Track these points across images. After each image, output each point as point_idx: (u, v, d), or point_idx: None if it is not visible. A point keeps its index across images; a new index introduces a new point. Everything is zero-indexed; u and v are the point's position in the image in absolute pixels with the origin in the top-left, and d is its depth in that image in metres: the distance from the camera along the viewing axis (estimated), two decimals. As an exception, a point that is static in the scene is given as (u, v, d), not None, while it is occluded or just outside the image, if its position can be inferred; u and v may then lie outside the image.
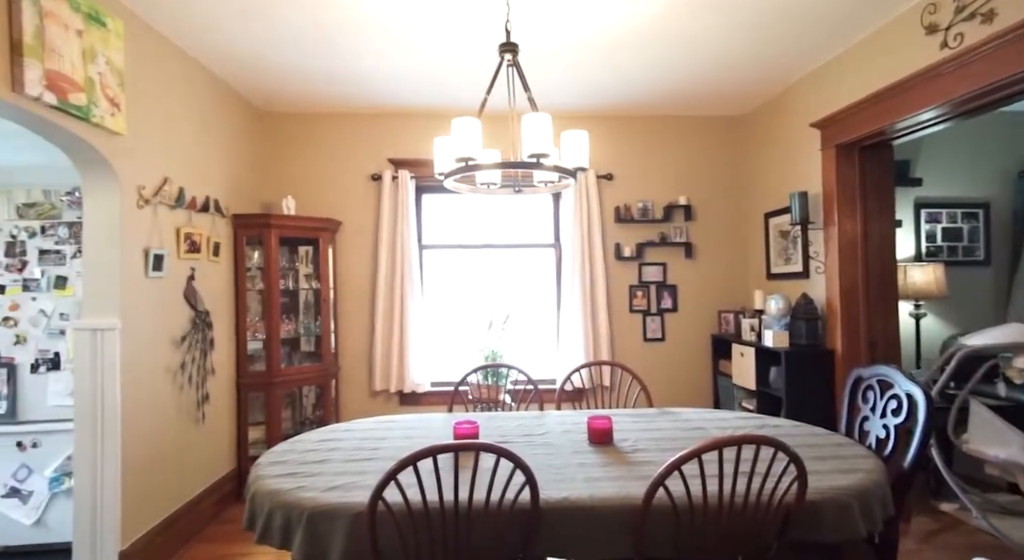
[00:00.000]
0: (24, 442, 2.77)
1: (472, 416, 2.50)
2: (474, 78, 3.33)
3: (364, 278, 3.99)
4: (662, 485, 1.39)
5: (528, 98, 2.10)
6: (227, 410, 3.34)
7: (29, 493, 2.75)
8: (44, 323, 2.82)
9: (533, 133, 1.89)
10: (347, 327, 3.98)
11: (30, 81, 1.92)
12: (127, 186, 2.48)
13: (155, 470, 2.63)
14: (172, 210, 2.83)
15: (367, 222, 4.00)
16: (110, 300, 2.40)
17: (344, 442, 2.12)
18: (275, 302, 3.47)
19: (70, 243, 2.86)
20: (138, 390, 2.52)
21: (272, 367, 3.42)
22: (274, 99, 3.73)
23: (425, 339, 3.90)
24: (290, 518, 1.57)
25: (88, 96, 2.19)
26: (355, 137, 4.01)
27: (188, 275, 2.96)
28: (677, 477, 1.48)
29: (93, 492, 2.34)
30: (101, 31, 2.28)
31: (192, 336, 2.96)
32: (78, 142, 2.22)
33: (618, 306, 4.06)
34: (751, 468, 1.41)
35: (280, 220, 3.49)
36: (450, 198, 4.14)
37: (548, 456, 1.89)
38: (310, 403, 3.89)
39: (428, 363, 3.92)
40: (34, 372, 2.80)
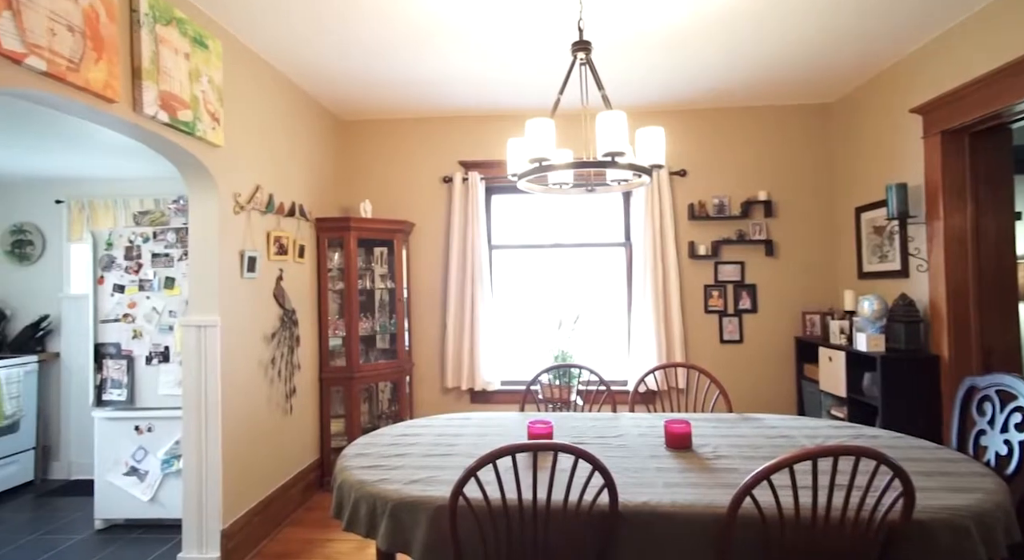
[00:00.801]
0: (141, 426, 3.07)
1: (545, 416, 2.51)
2: (545, 78, 3.33)
3: (436, 278, 4.10)
4: (750, 494, 1.33)
5: (602, 96, 2.07)
6: (311, 403, 3.55)
7: (145, 472, 3.05)
8: (156, 320, 3.11)
9: (608, 131, 1.86)
10: (420, 325, 4.10)
11: (147, 102, 2.12)
12: (225, 194, 2.68)
13: (250, 457, 2.83)
14: (263, 215, 3.04)
15: (438, 223, 4.10)
16: (211, 299, 2.61)
17: (422, 437, 2.19)
18: (354, 301, 3.64)
19: (177, 247, 3.13)
20: (235, 382, 2.72)
21: (351, 363, 3.59)
22: (352, 108, 3.91)
23: (495, 338, 3.95)
24: (375, 508, 1.65)
25: (193, 112, 2.40)
26: (427, 141, 4.13)
27: (277, 276, 3.17)
28: (766, 487, 1.41)
29: (199, 474, 2.56)
30: (204, 52, 2.48)
31: (281, 333, 3.17)
32: (185, 155, 2.43)
33: (692, 306, 3.92)
34: (849, 481, 1.32)
35: (358, 223, 3.66)
36: (519, 198, 4.16)
37: (624, 459, 1.86)
38: (385, 398, 4.05)
39: (498, 362, 3.97)
40: (148, 364, 3.10)
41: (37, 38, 1.66)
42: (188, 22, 2.37)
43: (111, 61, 1.94)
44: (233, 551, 2.60)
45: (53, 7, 1.72)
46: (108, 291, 3.15)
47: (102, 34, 1.90)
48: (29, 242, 4.02)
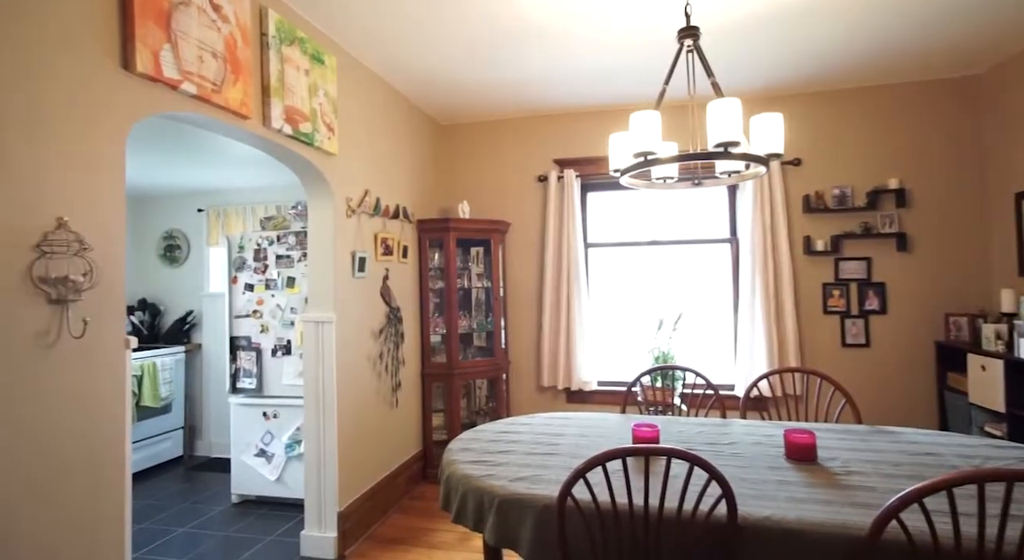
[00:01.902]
0: (268, 413, 3.38)
1: (649, 419, 2.42)
2: (644, 70, 3.22)
3: (531, 277, 4.12)
4: (896, 518, 1.18)
5: (712, 84, 1.96)
6: (414, 397, 3.71)
7: (272, 455, 3.35)
8: (280, 316, 3.42)
9: (720, 120, 1.75)
10: (516, 324, 4.14)
11: (275, 116, 2.32)
12: (339, 198, 2.87)
13: (361, 445, 3.01)
14: (371, 218, 3.22)
15: (534, 222, 4.12)
16: (327, 297, 2.81)
17: (524, 435, 2.20)
18: (453, 300, 3.75)
19: (296, 249, 3.41)
20: (348, 375, 2.91)
21: (451, 360, 3.71)
22: (450, 112, 4.03)
23: (592, 338, 3.90)
24: (482, 503, 1.68)
25: (312, 124, 2.59)
26: (522, 141, 4.16)
27: (383, 275, 3.35)
28: (916, 510, 1.26)
29: (318, 459, 2.76)
30: (320, 68, 2.67)
31: (387, 329, 3.34)
32: (305, 163, 2.63)
33: (808, 306, 3.60)
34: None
35: (457, 223, 3.77)
36: (616, 195, 4.07)
37: (740, 469, 1.74)
38: (483, 395, 4.14)
39: (595, 362, 3.90)
40: (273, 356, 3.41)
41: (189, 65, 1.88)
42: (308, 40, 2.56)
43: (246, 81, 2.15)
44: (348, 532, 2.78)
45: (201, 37, 1.93)
46: (240, 290, 3.51)
47: (239, 58, 2.11)
48: (177, 246, 4.58)
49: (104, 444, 1.60)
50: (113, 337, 1.63)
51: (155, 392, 3.99)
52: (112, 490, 1.62)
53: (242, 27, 2.14)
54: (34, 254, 1.42)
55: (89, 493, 1.55)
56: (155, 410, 4.05)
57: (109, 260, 1.62)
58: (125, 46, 1.67)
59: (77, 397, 1.52)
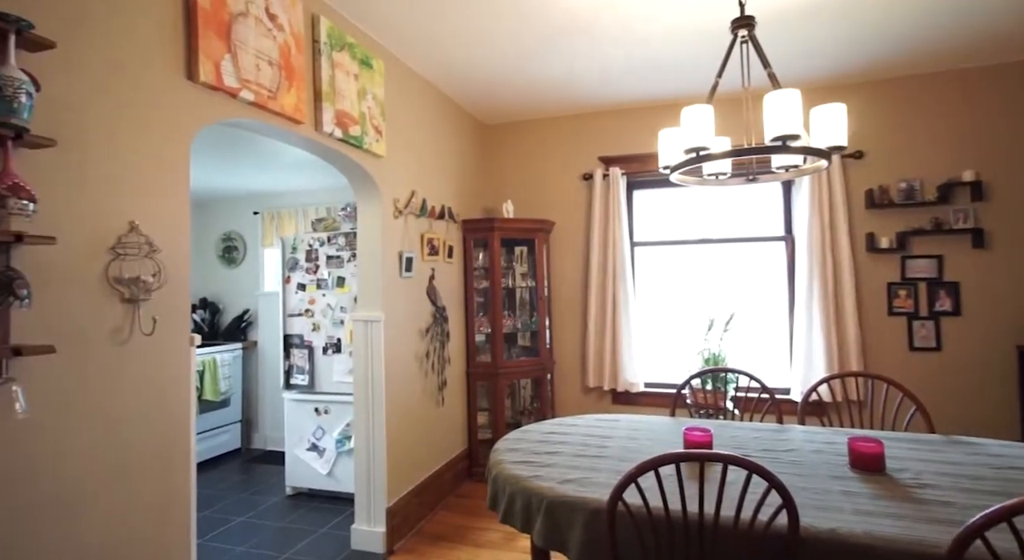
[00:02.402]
0: (319, 408, 3.49)
1: (701, 423, 2.35)
2: (694, 63, 3.13)
3: (576, 276, 4.08)
4: (981, 537, 1.09)
5: (768, 74, 1.88)
6: (459, 396, 3.74)
7: (323, 449, 3.46)
8: (330, 315, 3.52)
9: (779, 113, 1.68)
10: (561, 324, 4.11)
11: (326, 121, 2.39)
12: (386, 200, 2.93)
13: (409, 443, 3.06)
14: (417, 218, 3.26)
15: (579, 221, 4.08)
16: (376, 296, 2.87)
17: (571, 436, 2.17)
18: (497, 299, 3.76)
19: (346, 249, 3.50)
20: (396, 373, 2.96)
21: (496, 359, 3.72)
22: (494, 112, 4.04)
23: (639, 338, 3.82)
24: (530, 504, 1.66)
25: (361, 127, 2.65)
26: (566, 139, 4.12)
27: (429, 275, 3.39)
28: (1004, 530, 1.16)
29: (368, 455, 2.82)
30: (369, 72, 2.73)
31: (433, 328, 3.38)
32: (354, 166, 2.69)
33: (872, 307, 3.41)
34: None
35: (501, 223, 3.77)
36: (663, 193, 3.98)
37: (801, 477, 1.66)
38: (528, 395, 4.13)
39: (642, 363, 3.83)
40: (324, 353, 3.51)
41: (247, 74, 1.95)
42: (357, 46, 2.62)
43: (299, 87, 2.21)
44: (396, 528, 2.83)
45: (258, 46, 2.00)
46: (293, 289, 3.63)
47: (292, 65, 2.18)
48: (235, 248, 4.79)
49: (171, 434, 1.68)
50: (179, 334, 1.71)
51: (215, 387, 4.19)
52: (179, 478, 1.70)
53: (296, 35, 2.21)
54: (109, 256, 1.51)
55: (158, 480, 1.63)
56: (215, 404, 4.25)
57: (175, 261, 1.70)
58: (189, 58, 1.75)
59: (147, 390, 1.61)
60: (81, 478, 1.42)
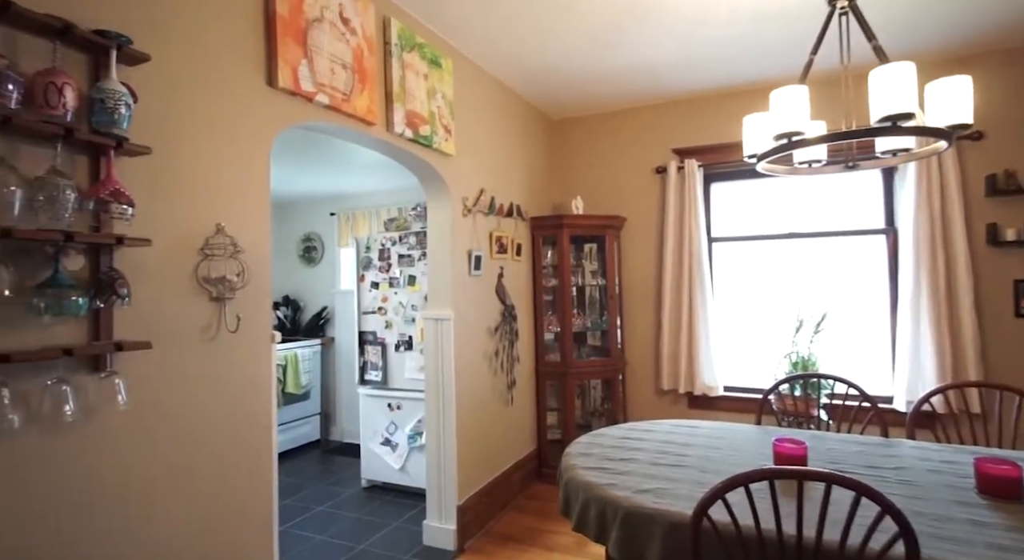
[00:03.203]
0: (392, 404, 3.57)
1: (792, 432, 2.16)
2: (780, 41, 2.89)
3: (649, 274, 3.92)
4: None
5: (874, 47, 1.68)
6: (528, 395, 3.70)
7: (396, 444, 3.54)
8: (402, 313, 3.59)
9: (887, 90, 1.49)
10: (633, 323, 3.97)
11: (397, 121, 2.41)
12: (455, 198, 2.93)
13: (478, 441, 3.06)
14: (486, 217, 3.25)
15: (651, 216, 3.91)
16: (445, 295, 2.88)
17: (646, 443, 2.07)
18: (567, 298, 3.68)
19: (417, 248, 3.56)
20: (465, 371, 2.96)
21: (566, 359, 3.64)
22: (563, 106, 3.96)
23: (717, 339, 3.61)
24: (605, 513, 1.59)
25: (431, 127, 2.66)
26: (638, 132, 3.97)
27: (498, 273, 3.37)
28: None
29: (438, 452, 2.85)
30: (438, 71, 2.74)
31: (502, 327, 3.36)
32: (424, 165, 2.71)
33: (994, 307, 3.01)
34: None
35: (570, 220, 3.69)
36: (744, 186, 3.73)
37: (915, 501, 1.47)
38: (598, 395, 4.02)
39: (721, 365, 3.61)
40: (397, 350, 3.59)
41: (322, 78, 2.00)
42: (426, 46, 2.63)
43: (371, 89, 2.25)
44: (466, 526, 2.84)
45: (332, 50, 2.05)
46: (367, 288, 3.73)
47: (365, 67, 2.21)
48: (314, 248, 5.02)
49: (254, 426, 1.75)
50: (261, 332, 1.78)
51: (296, 380, 4.40)
52: (262, 467, 1.77)
53: (368, 38, 2.24)
54: (198, 257, 1.58)
55: (243, 468, 1.70)
56: (297, 396, 4.47)
57: (257, 261, 1.76)
58: (269, 64, 1.81)
59: (232, 385, 1.68)
60: (173, 465, 1.50)
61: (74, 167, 1.30)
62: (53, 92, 1.20)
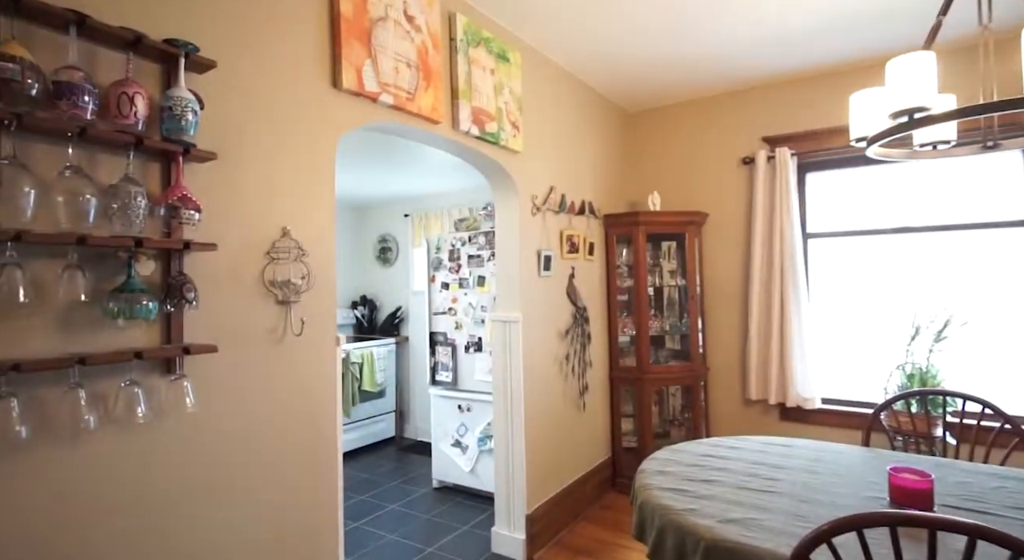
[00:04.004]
0: (462, 405, 3.54)
1: (911, 459, 1.86)
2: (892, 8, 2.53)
3: (734, 273, 3.62)
4: None
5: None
6: (602, 401, 3.53)
7: (466, 446, 3.51)
8: (472, 314, 3.55)
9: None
10: (715, 326, 3.69)
11: (463, 119, 2.35)
12: (524, 196, 2.83)
13: (549, 447, 2.95)
14: (556, 215, 3.12)
15: (737, 212, 3.61)
16: (514, 296, 2.79)
17: (732, 462, 1.86)
18: (643, 299, 3.48)
19: (486, 249, 3.50)
20: (535, 376, 2.86)
21: (642, 363, 3.44)
22: (639, 98, 3.75)
23: (813, 345, 3.26)
24: (684, 543, 1.42)
25: (498, 123, 2.58)
26: (721, 121, 3.67)
27: (569, 273, 3.23)
28: None
29: (507, 457, 2.77)
30: (506, 66, 2.65)
31: (573, 330, 3.22)
32: (491, 163, 2.64)
33: None
34: None
35: (647, 217, 3.48)
36: (845, 175, 3.34)
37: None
38: (677, 403, 3.78)
39: (818, 375, 3.26)
40: (466, 352, 3.55)
41: (386, 77, 1.97)
42: (493, 40, 2.55)
43: (436, 86, 2.20)
44: (536, 536, 2.73)
45: (397, 49, 2.01)
46: (438, 288, 3.74)
47: (429, 64, 2.16)
48: (389, 248, 5.13)
49: (319, 428, 1.74)
50: (326, 334, 1.77)
51: (372, 378, 4.52)
52: (327, 465, 1.76)
53: (432, 35, 2.19)
54: (265, 260, 1.59)
55: (309, 469, 1.70)
56: (372, 394, 4.59)
57: (322, 264, 1.76)
58: (334, 66, 1.80)
59: (298, 387, 1.68)
60: (241, 466, 1.52)
61: (145, 174, 1.33)
62: (125, 102, 1.23)
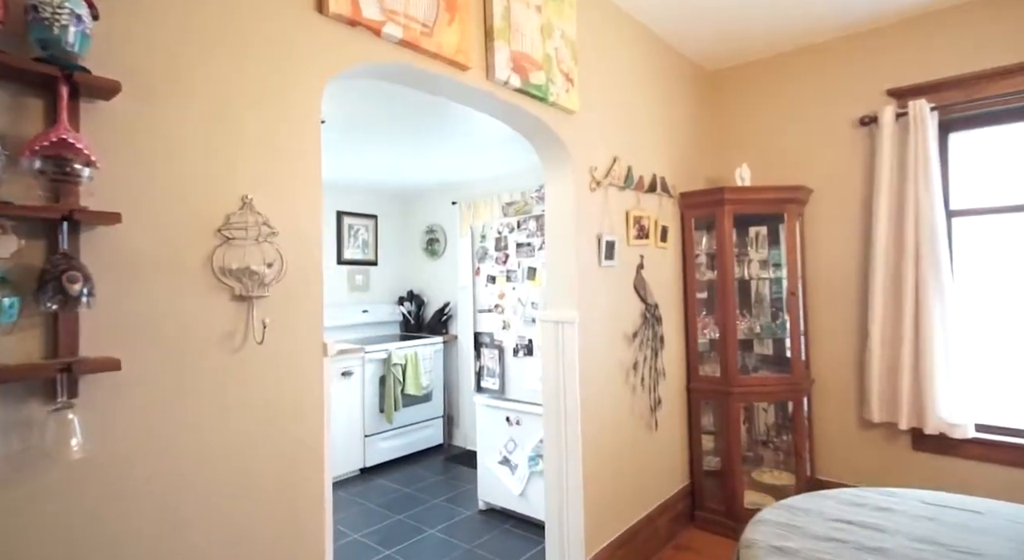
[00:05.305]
0: (511, 418, 3.06)
1: None
2: None
3: (848, 262, 2.90)
4: None
5: None
6: (678, 418, 2.93)
7: (516, 465, 3.02)
8: (521, 311, 3.05)
9: None
10: (820, 328, 2.98)
11: (499, 65, 1.85)
12: (580, 168, 2.29)
13: (612, 475, 2.40)
14: (621, 192, 2.56)
15: (850, 185, 2.89)
16: (568, 291, 2.27)
17: (888, 530, 1.24)
18: (729, 295, 2.83)
19: (537, 235, 2.99)
20: (594, 388, 2.33)
21: (728, 373, 2.80)
22: (721, 52, 3.09)
23: (963, 353, 2.50)
24: None
25: (546, 74, 2.05)
26: (828, 74, 2.95)
27: (637, 263, 2.66)
28: None
29: (560, 487, 2.25)
30: (557, 3, 2.12)
31: (643, 332, 2.65)
32: (537, 124, 2.12)
33: None
34: None
35: (735, 194, 2.82)
36: (1004, 133, 2.54)
37: None
38: (770, 420, 3.11)
39: (968, 391, 2.49)
40: (515, 356, 3.07)
41: (393, 3, 1.50)
42: (539, -33, 2.03)
43: (463, 20, 1.71)
44: (595, 589, 2.21)
45: (406, -35, 1.54)
46: (483, 282, 3.27)
47: (453, -10, 1.68)
48: (436, 240, 4.73)
49: (297, 460, 1.32)
50: (309, 340, 1.33)
51: (417, 381, 4.13)
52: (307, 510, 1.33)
53: (457, -47, 1.70)
54: (216, 240, 1.17)
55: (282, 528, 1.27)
56: (417, 398, 4.20)
57: (303, 250, 1.32)
58: (318, -16, 1.36)
59: (268, 411, 1.25)
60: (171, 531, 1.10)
61: (18, 114, 0.93)
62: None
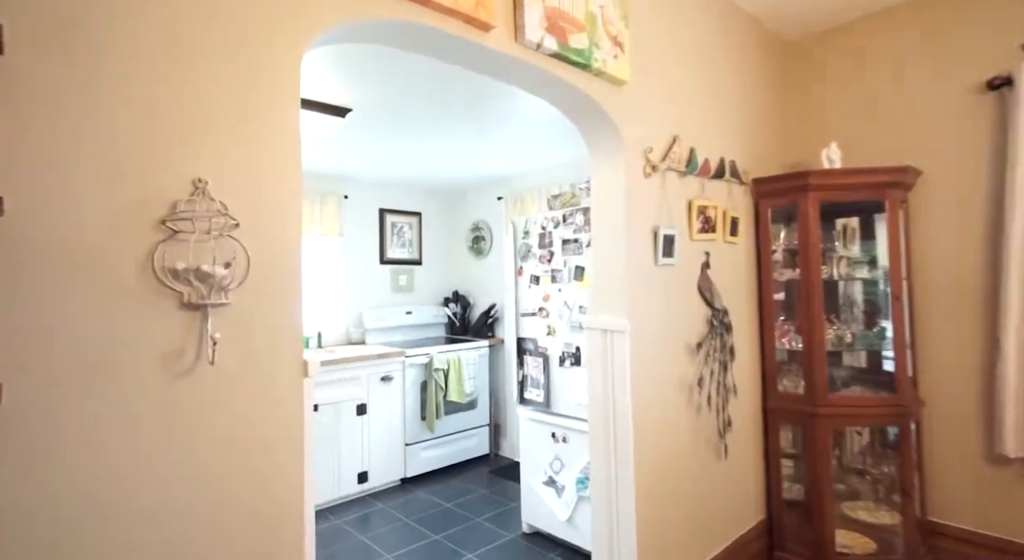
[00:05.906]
0: (557, 434, 2.75)
1: None
2: None
3: (968, 259, 2.37)
4: None
5: None
6: (751, 442, 2.51)
7: (562, 487, 2.71)
8: (567, 316, 2.73)
9: None
10: (929, 338, 2.47)
11: (530, 23, 1.54)
12: (632, 149, 1.95)
13: (670, 509, 2.04)
14: (682, 177, 2.19)
15: (972, 165, 2.36)
16: (617, 294, 1.94)
17: None
18: (815, 298, 2.38)
19: (584, 230, 2.66)
20: (650, 408, 1.98)
21: (814, 391, 2.35)
22: (803, 16, 2.63)
23: None
24: None
25: (589, 36, 1.73)
26: (942, 29, 2.43)
27: (702, 261, 2.28)
28: None
29: (609, 523, 1.92)
30: (601, -47, 1.79)
31: (708, 342, 2.26)
32: (578, 97, 1.79)
33: None
34: None
35: (821, 179, 2.37)
36: None
37: None
38: (868, 449, 2.61)
39: None
40: (561, 365, 2.75)
41: (392, -54, 1.24)
42: (579, -91, 1.70)
43: (482, -30, 1.42)
44: (650, 649, 1.86)
45: (409, -99, 1.27)
46: (526, 283, 2.98)
47: (469, -68, 1.39)
48: (482, 237, 4.48)
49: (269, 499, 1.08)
50: (283, 360, 1.09)
51: (460, 387, 3.89)
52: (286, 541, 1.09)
53: None
54: (159, 234, 0.95)
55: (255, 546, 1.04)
56: (460, 406, 3.97)
57: (274, 247, 1.08)
58: (297, -78, 1.11)
59: (229, 451, 1.02)
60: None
61: None
62: None
